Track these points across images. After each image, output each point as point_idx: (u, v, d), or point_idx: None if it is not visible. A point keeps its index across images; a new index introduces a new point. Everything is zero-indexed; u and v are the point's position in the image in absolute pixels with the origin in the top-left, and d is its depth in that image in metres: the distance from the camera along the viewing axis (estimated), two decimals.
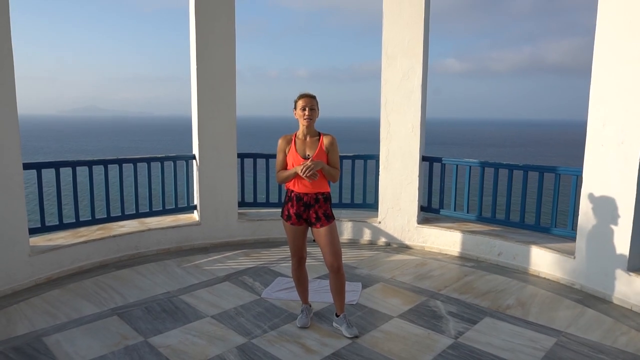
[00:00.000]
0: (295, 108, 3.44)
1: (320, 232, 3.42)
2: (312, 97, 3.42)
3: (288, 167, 3.44)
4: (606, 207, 4.17)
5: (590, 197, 4.28)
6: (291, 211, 3.45)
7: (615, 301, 4.13)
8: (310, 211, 3.43)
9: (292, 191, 3.44)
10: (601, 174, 4.20)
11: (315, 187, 3.40)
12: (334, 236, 3.43)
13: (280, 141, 3.49)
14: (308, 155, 3.40)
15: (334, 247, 3.41)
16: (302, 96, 3.42)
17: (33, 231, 4.64)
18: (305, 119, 3.38)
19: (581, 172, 4.41)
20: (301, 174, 3.29)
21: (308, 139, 3.45)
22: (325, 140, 3.44)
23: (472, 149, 59.62)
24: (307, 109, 3.38)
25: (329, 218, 3.44)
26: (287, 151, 3.45)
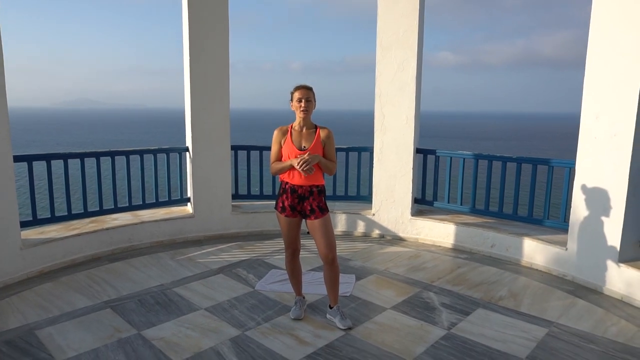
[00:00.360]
0: (291, 100, 3.42)
1: (315, 224, 3.42)
2: (309, 89, 3.41)
3: (283, 159, 3.43)
4: (598, 199, 4.19)
5: (583, 189, 4.31)
6: (286, 203, 3.44)
7: (606, 292, 4.18)
8: (304, 203, 3.42)
9: (287, 183, 3.43)
10: (594, 166, 4.22)
11: (310, 179, 3.39)
12: (328, 228, 3.43)
13: (275, 132, 3.47)
14: (304, 147, 3.39)
15: (329, 239, 3.41)
16: (298, 88, 3.40)
17: (25, 224, 4.60)
18: (301, 111, 3.36)
19: (574, 164, 4.43)
20: (297, 167, 3.28)
21: (304, 130, 3.43)
22: (322, 133, 3.43)
23: (466, 142, 59.79)
24: (303, 100, 3.36)
25: (324, 210, 3.43)
26: (282, 142, 3.43)
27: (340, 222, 5.97)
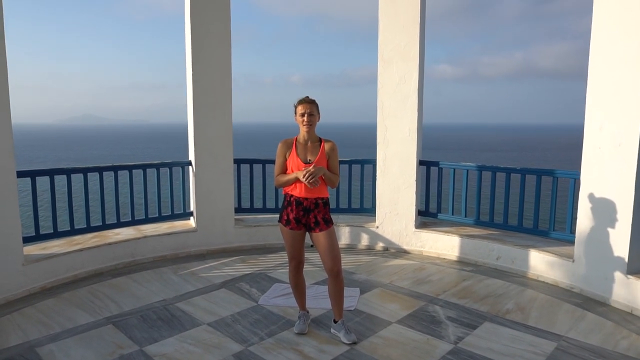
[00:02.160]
0: (295, 114, 3.43)
1: (320, 236, 3.40)
2: (311, 102, 3.41)
3: (288, 172, 3.42)
4: (604, 210, 4.15)
5: (589, 199, 4.27)
6: (290, 216, 3.42)
7: (614, 305, 4.11)
8: (309, 216, 3.40)
9: (292, 196, 3.42)
10: (599, 177, 4.19)
11: (315, 192, 3.38)
12: (333, 241, 3.40)
13: (280, 145, 3.47)
14: (309, 159, 3.39)
15: (334, 252, 3.39)
16: (300, 102, 3.41)
17: (27, 240, 4.58)
18: (304, 125, 3.37)
19: (579, 174, 4.39)
20: (303, 180, 3.27)
21: (309, 143, 3.44)
22: (326, 146, 3.44)
23: (467, 153, 59.80)
24: (306, 115, 3.37)
25: (328, 223, 3.42)
26: (287, 155, 3.43)
27: (343, 234, 5.93)
